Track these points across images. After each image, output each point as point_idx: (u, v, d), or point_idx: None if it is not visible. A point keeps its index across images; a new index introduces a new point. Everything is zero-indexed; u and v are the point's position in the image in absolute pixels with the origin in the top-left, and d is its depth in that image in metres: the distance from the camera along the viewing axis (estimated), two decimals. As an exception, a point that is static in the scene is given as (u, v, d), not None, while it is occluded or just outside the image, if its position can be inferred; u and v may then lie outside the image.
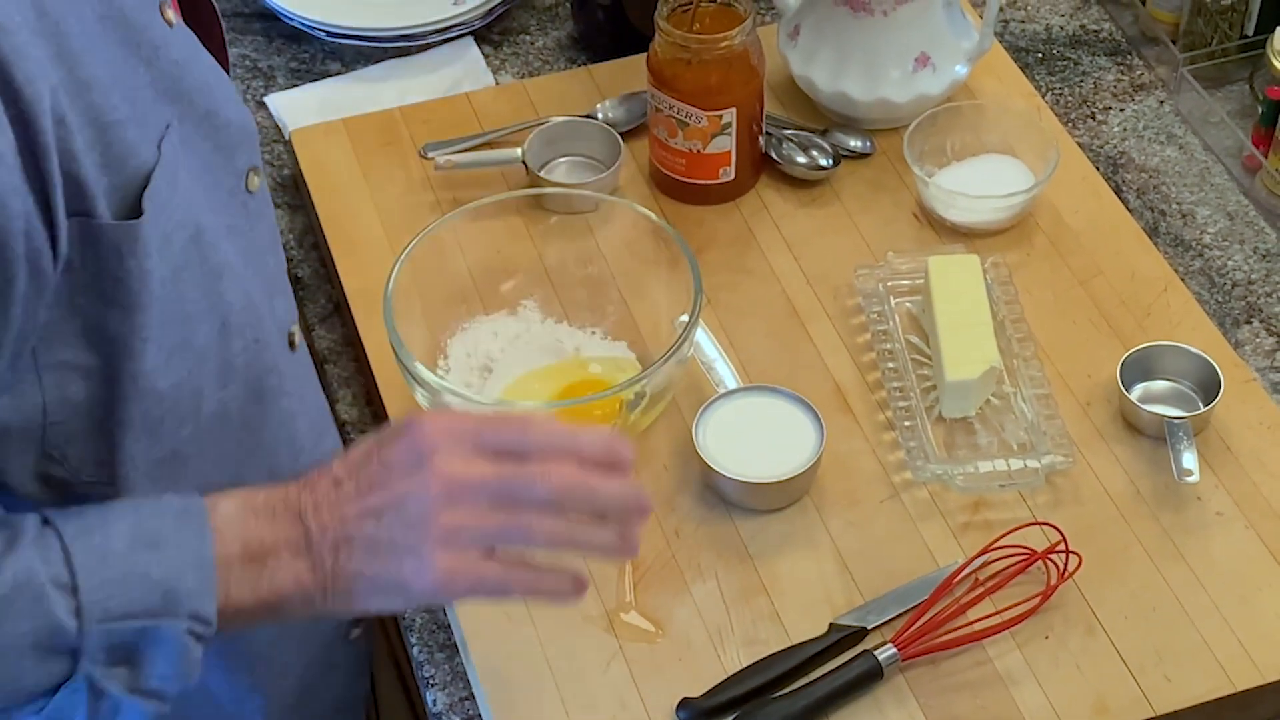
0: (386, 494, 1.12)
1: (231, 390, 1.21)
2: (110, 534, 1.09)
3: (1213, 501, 1.44)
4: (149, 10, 1.12)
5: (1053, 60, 1.86)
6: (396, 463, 1.13)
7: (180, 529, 1.11)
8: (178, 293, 1.13)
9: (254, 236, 1.23)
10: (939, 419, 1.49)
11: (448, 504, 1.12)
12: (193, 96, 1.14)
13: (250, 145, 1.23)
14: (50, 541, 1.08)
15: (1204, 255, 1.66)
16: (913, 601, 1.36)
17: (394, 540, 1.12)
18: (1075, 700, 1.32)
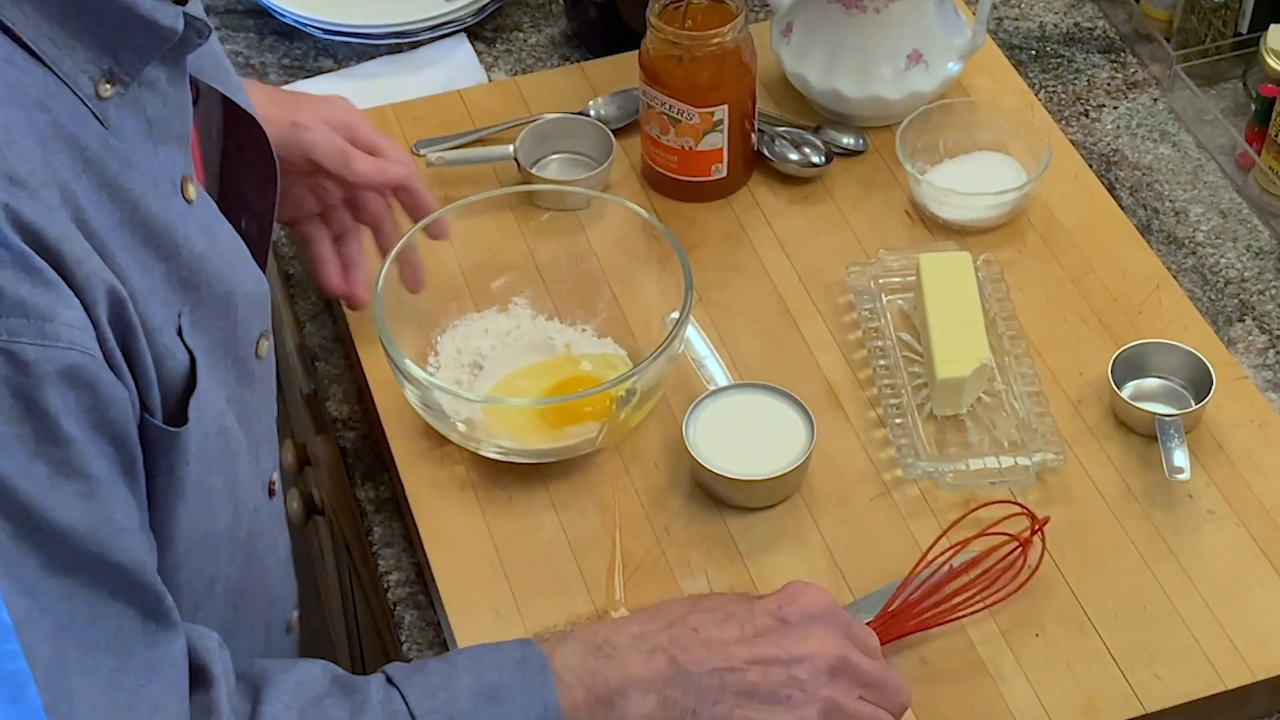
0: (780, 647, 1.16)
1: (236, 564, 1.20)
2: (454, 692, 1.11)
3: (1204, 499, 1.43)
4: (167, 202, 1.07)
5: (1046, 57, 1.86)
6: (791, 619, 1.18)
7: (522, 680, 1.13)
8: (206, 485, 1.12)
9: (252, 401, 1.21)
10: (930, 416, 1.49)
11: (835, 677, 1.17)
12: (212, 283, 1.11)
13: (265, 311, 1.20)
14: (396, 706, 1.10)
15: (1197, 253, 1.66)
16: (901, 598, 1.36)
17: (776, 694, 1.15)
18: (1065, 698, 1.31)
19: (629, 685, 1.14)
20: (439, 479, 1.46)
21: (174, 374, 1.07)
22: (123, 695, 0.99)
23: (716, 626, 1.17)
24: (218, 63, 1.25)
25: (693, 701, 1.14)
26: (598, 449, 1.47)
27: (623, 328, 1.56)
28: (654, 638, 1.16)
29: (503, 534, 1.43)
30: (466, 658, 1.15)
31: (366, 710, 1.09)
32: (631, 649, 1.15)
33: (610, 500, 1.45)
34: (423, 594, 1.44)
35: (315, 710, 1.09)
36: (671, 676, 1.14)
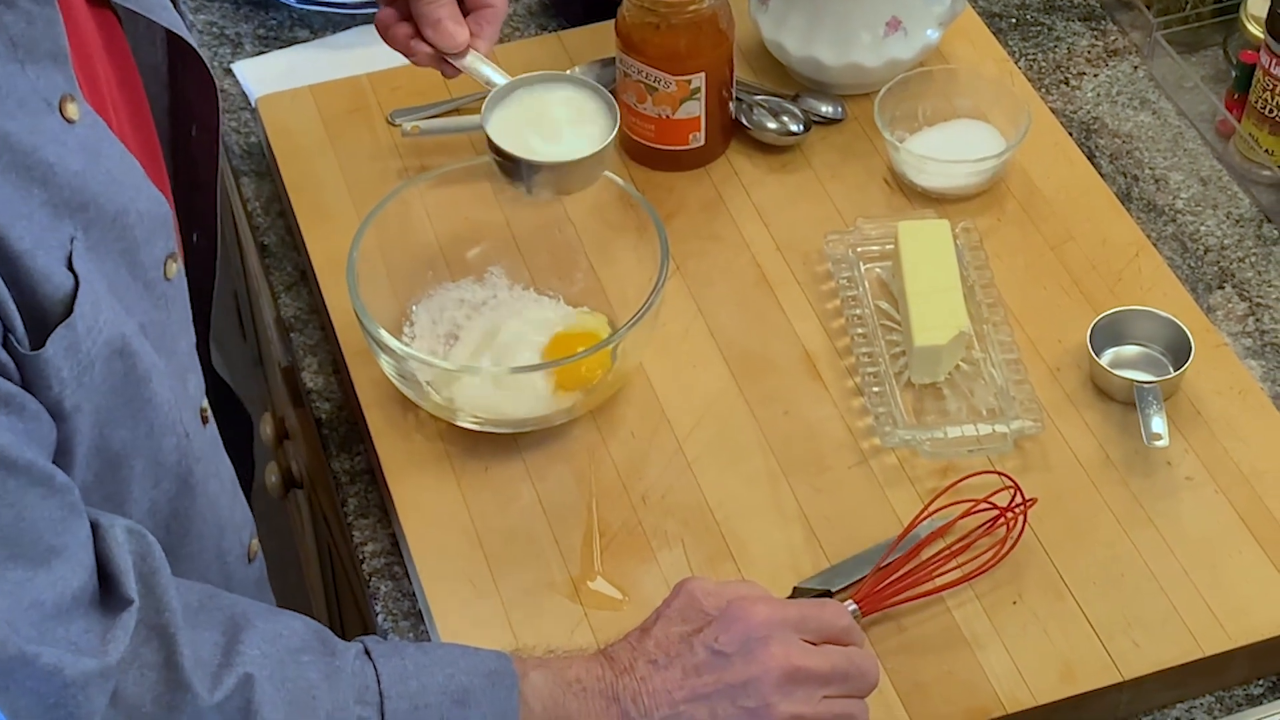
0: (721, 680, 1.16)
1: (163, 488, 1.20)
2: (425, 683, 1.12)
3: (1182, 466, 1.43)
4: (38, 121, 1.05)
5: (1026, 25, 1.85)
6: (729, 649, 1.17)
7: (490, 691, 1.14)
8: (96, 409, 1.11)
9: (168, 325, 1.20)
10: (908, 385, 1.48)
11: (785, 692, 1.16)
12: (99, 202, 1.09)
13: (166, 231, 1.19)
14: (369, 681, 1.11)
15: (1177, 220, 1.65)
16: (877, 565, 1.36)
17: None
18: (1042, 665, 1.31)
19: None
20: (414, 450, 1.46)
21: (50, 298, 1.05)
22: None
23: (660, 673, 1.17)
24: None
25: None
26: (574, 418, 1.46)
27: (600, 297, 1.55)
28: (612, 686, 1.17)
29: (478, 504, 1.42)
30: (444, 654, 1.16)
31: (341, 677, 1.10)
32: (596, 694, 1.16)
33: (587, 470, 1.44)
34: (398, 565, 1.43)
35: (292, 663, 1.10)
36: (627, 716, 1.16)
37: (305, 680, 1.09)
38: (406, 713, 1.11)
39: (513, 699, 1.14)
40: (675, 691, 1.16)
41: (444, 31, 1.44)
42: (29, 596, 1.01)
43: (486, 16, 1.46)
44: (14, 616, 1.00)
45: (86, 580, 1.05)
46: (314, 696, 1.09)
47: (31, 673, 1.00)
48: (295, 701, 1.08)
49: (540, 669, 1.17)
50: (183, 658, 1.06)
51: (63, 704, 1.01)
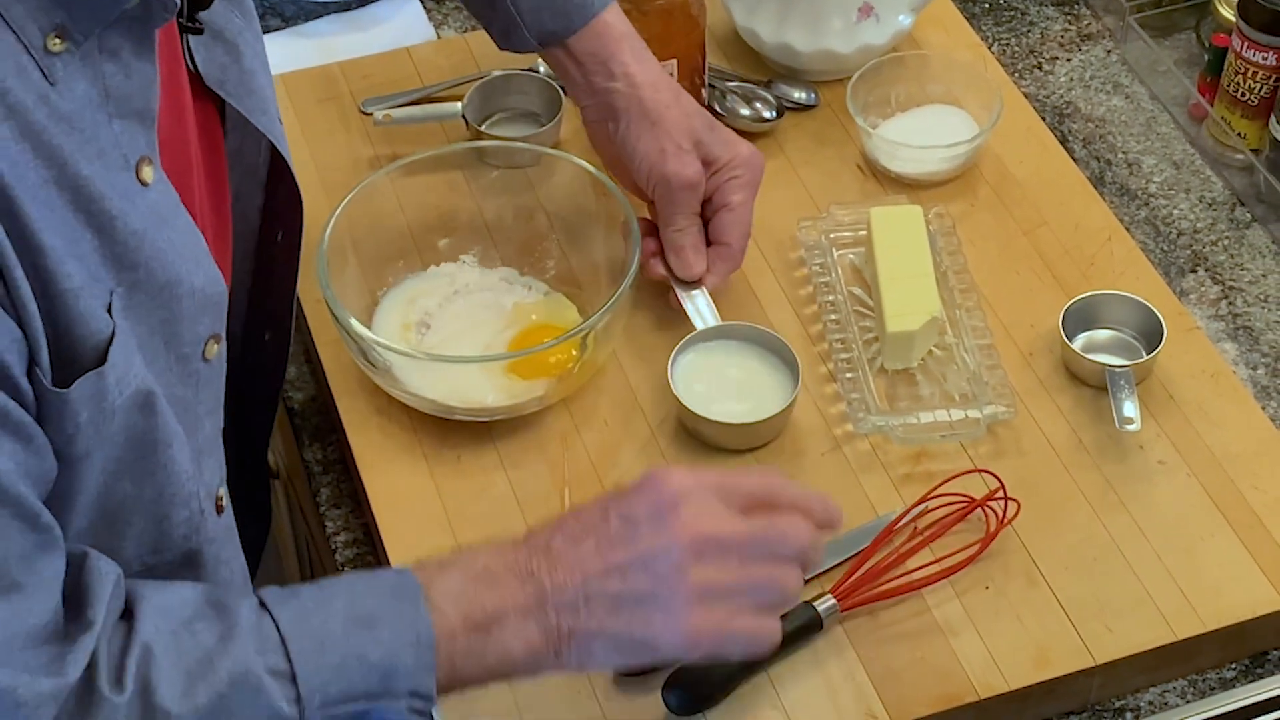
0: (632, 550, 1.12)
1: (164, 558, 1.18)
2: (327, 616, 1.09)
3: (1155, 450, 1.43)
4: (112, 174, 1.05)
5: (999, 10, 1.85)
6: (641, 518, 1.13)
7: (396, 607, 1.10)
8: (112, 457, 1.10)
9: (195, 404, 1.18)
10: (881, 370, 1.48)
11: (697, 559, 1.12)
12: (150, 267, 1.08)
13: (217, 312, 1.18)
14: (267, 630, 1.08)
15: (1150, 204, 1.65)
16: (851, 551, 1.36)
17: (641, 596, 1.12)
18: (1016, 651, 1.31)
19: (506, 612, 1.11)
20: (387, 439, 1.45)
21: (85, 343, 1.04)
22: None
23: (573, 545, 1.13)
24: (251, 91, 1.26)
25: (566, 621, 1.12)
26: (546, 407, 1.46)
27: (572, 285, 1.55)
28: (525, 563, 1.13)
29: (451, 493, 1.42)
30: (342, 584, 1.13)
31: (236, 634, 1.07)
32: (509, 575, 1.12)
33: (560, 458, 1.44)
34: (371, 555, 1.43)
35: (185, 634, 1.07)
36: (542, 600, 1.12)
37: (200, 648, 1.06)
38: (313, 651, 1.07)
39: (420, 609, 1.10)
40: (589, 563, 1.12)
41: (685, 260, 1.49)
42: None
43: (722, 254, 1.50)
44: None
45: (50, 616, 1.03)
46: (211, 661, 1.06)
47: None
48: (193, 671, 1.05)
49: (446, 570, 1.13)
50: (98, 669, 1.04)
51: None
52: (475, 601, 1.11)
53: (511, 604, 1.11)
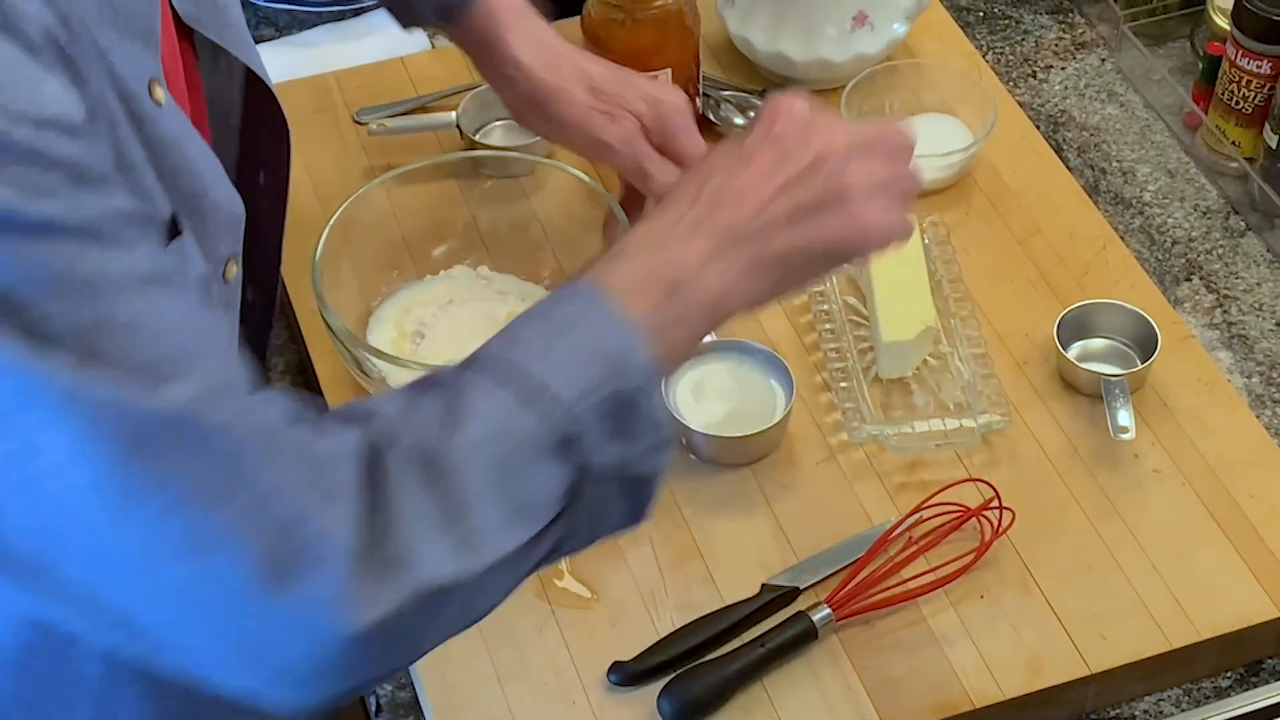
0: (792, 165, 1.12)
1: None
2: (530, 343, 1.05)
3: (1149, 459, 1.43)
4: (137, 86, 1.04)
5: (994, 19, 1.85)
6: (786, 137, 1.13)
7: (579, 309, 1.07)
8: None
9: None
10: (876, 380, 1.48)
11: (852, 159, 1.14)
12: (181, 173, 1.07)
13: (235, 231, 1.16)
14: (491, 367, 1.04)
15: (1144, 213, 1.66)
16: (845, 561, 1.36)
17: (814, 205, 1.12)
18: (1010, 659, 1.31)
19: (688, 267, 1.09)
20: (381, 449, 1.45)
21: (159, 218, 1.03)
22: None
23: (732, 181, 1.13)
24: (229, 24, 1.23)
25: (751, 251, 1.11)
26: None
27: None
28: (685, 221, 1.11)
29: (446, 503, 1.42)
30: (511, 325, 1.08)
31: (467, 392, 1.03)
32: (671, 237, 1.10)
33: (554, 468, 1.44)
34: (366, 565, 1.43)
35: (416, 399, 1.03)
36: (722, 241, 1.10)
37: (437, 400, 1.03)
38: (543, 368, 1.03)
39: (604, 303, 1.07)
40: (755, 192, 1.12)
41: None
42: None
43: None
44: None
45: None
46: (456, 402, 1.02)
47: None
48: (446, 417, 1.01)
49: (610, 264, 1.10)
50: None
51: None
52: (653, 273, 1.09)
53: (692, 258, 1.10)
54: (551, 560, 1.07)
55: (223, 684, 0.97)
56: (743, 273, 1.11)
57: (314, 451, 0.96)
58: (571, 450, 1.02)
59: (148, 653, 0.98)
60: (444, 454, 0.99)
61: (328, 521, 0.94)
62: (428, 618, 0.99)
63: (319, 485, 0.95)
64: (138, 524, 0.92)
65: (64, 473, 0.90)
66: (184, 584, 0.93)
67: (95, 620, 0.97)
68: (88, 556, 0.93)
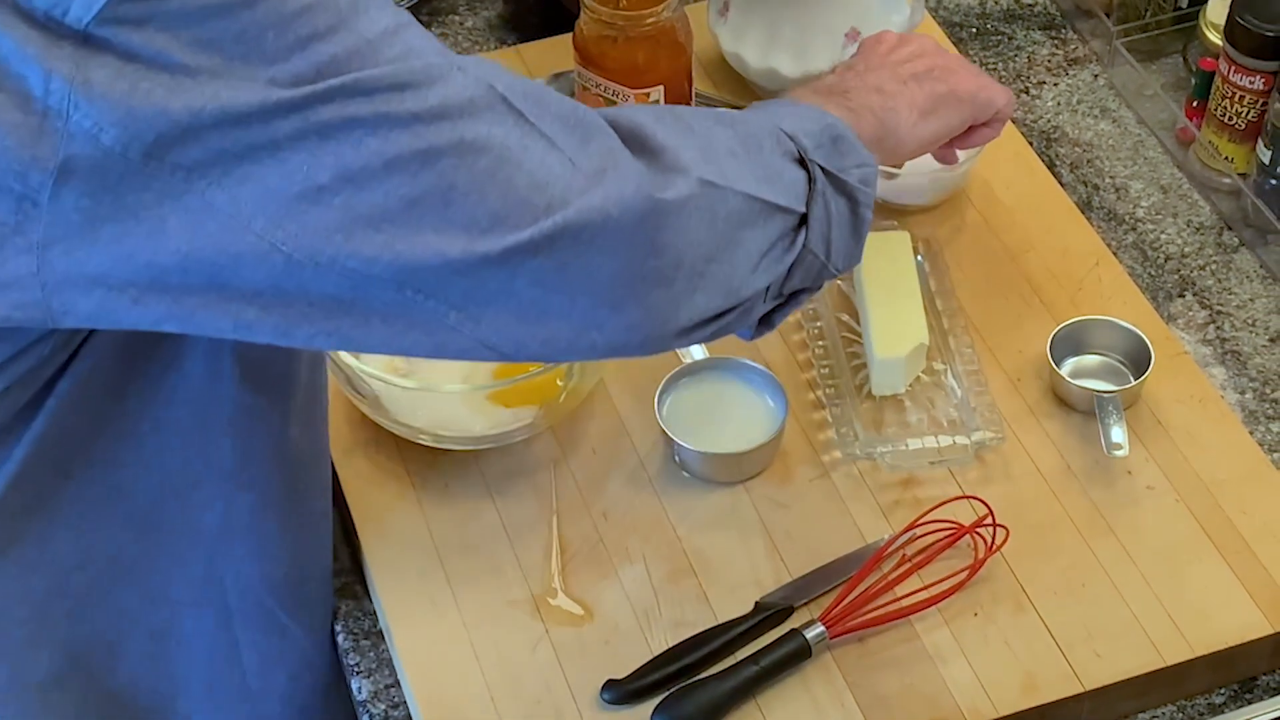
0: (905, 49, 1.35)
1: None
2: (749, 109, 1.24)
3: (1143, 475, 1.43)
4: None
5: (987, 34, 1.85)
6: (891, 38, 1.36)
7: (779, 103, 1.25)
8: None
9: None
10: (869, 397, 1.48)
11: (942, 52, 1.37)
12: None
13: None
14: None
15: (1137, 229, 1.66)
16: (839, 578, 1.36)
17: (933, 68, 1.34)
18: (1004, 677, 1.31)
19: (858, 96, 1.28)
20: (374, 467, 1.45)
21: None
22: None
23: (857, 69, 1.33)
24: None
25: (894, 94, 1.30)
26: (535, 435, 1.46)
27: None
28: (837, 87, 1.30)
29: (439, 522, 1.42)
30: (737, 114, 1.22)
31: (742, 121, 1.18)
32: (834, 93, 1.28)
33: (548, 486, 1.44)
34: (359, 584, 1.43)
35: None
36: (872, 91, 1.29)
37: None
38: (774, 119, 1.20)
39: (794, 102, 1.24)
40: (888, 73, 1.32)
41: None
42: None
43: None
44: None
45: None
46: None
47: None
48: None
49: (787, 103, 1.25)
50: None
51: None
52: (832, 94, 1.28)
53: (853, 92, 1.28)
54: (801, 270, 1.18)
55: (564, 313, 1.06)
56: (893, 110, 1.29)
57: (570, 104, 1.08)
58: (804, 163, 1.17)
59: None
60: (686, 119, 1.14)
61: (611, 144, 1.07)
62: (712, 212, 1.10)
63: (586, 125, 1.07)
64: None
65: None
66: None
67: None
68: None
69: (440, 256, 1.00)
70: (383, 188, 0.97)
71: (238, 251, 0.97)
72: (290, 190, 0.96)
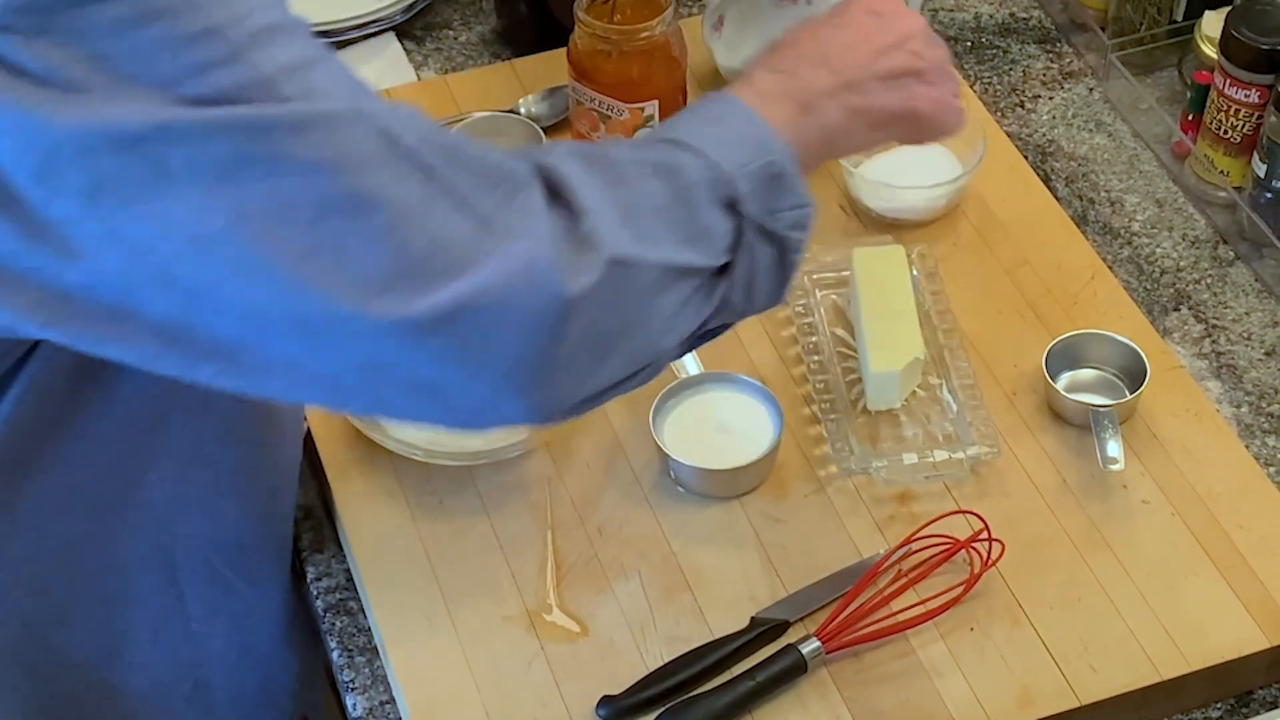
0: (888, 33, 1.25)
1: None
2: (685, 127, 1.16)
3: (1139, 489, 1.42)
4: None
5: (982, 49, 1.85)
6: (885, 9, 1.27)
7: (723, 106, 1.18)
8: None
9: None
10: (864, 411, 1.48)
11: (930, 43, 1.28)
12: None
13: None
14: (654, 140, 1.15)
15: (1132, 243, 1.65)
16: (835, 593, 1.35)
17: (906, 71, 1.25)
18: (1000, 691, 1.31)
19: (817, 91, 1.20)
20: (368, 484, 1.45)
21: None
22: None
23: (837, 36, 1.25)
24: None
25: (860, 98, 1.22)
26: (529, 450, 1.45)
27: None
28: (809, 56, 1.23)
29: (433, 537, 1.41)
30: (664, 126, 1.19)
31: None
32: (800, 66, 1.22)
33: (542, 502, 1.44)
34: (354, 600, 1.42)
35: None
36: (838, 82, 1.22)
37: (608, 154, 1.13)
38: (700, 144, 1.13)
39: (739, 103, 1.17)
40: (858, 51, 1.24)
41: None
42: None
43: None
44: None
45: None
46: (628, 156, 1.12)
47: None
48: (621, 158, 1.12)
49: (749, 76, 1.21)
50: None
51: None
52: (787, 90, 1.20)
53: (819, 87, 1.21)
54: (720, 319, 1.15)
55: (461, 391, 1.02)
56: (851, 116, 1.22)
57: (492, 158, 1.04)
58: (733, 209, 1.12)
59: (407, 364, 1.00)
60: (619, 168, 1.09)
61: (530, 202, 1.02)
62: (622, 294, 1.05)
63: (505, 182, 1.02)
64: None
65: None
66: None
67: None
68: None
69: (334, 314, 0.96)
70: (276, 234, 0.94)
71: (136, 283, 0.95)
72: (187, 227, 0.93)
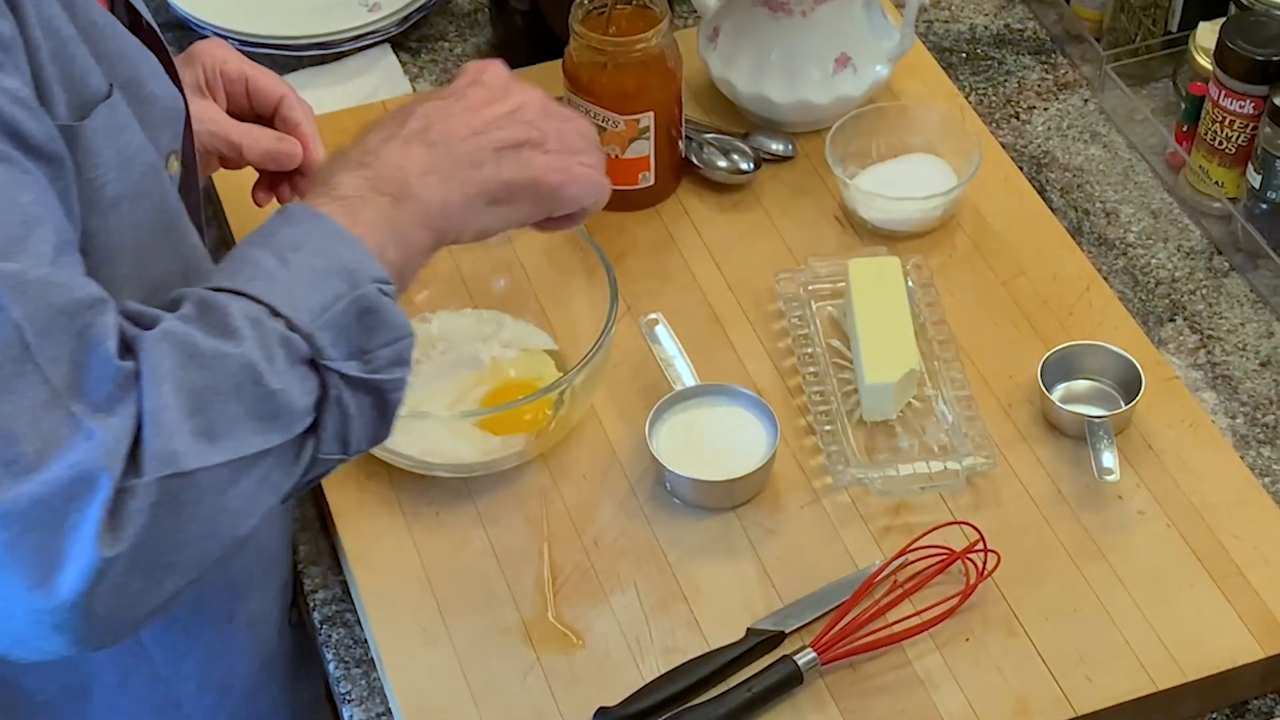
0: (501, 104, 1.23)
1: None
2: (259, 264, 1.10)
3: (1134, 500, 1.43)
4: None
5: (977, 60, 1.86)
6: (493, 83, 1.25)
7: (303, 225, 1.12)
8: (141, 225, 1.14)
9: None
10: (860, 422, 1.48)
11: (548, 113, 1.25)
12: (113, 60, 1.12)
13: (176, 128, 1.21)
14: (222, 299, 1.07)
15: (1127, 254, 1.66)
16: (831, 604, 1.35)
17: (521, 143, 1.21)
18: (996, 702, 1.31)
19: (410, 172, 1.16)
20: (364, 495, 1.45)
21: (89, 89, 1.09)
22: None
23: (442, 109, 1.21)
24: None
25: (468, 174, 1.18)
26: (525, 462, 1.45)
27: (550, 340, 1.54)
28: (398, 136, 1.18)
29: (429, 549, 1.41)
30: (241, 246, 1.13)
31: (205, 316, 1.06)
32: (387, 148, 1.17)
33: (538, 514, 1.44)
34: (350, 612, 1.42)
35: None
36: (439, 156, 1.18)
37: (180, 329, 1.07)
38: (271, 290, 1.08)
39: (321, 216, 1.12)
40: (469, 116, 1.21)
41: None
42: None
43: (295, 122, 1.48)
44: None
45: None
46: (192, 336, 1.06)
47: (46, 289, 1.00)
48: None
49: (331, 180, 1.16)
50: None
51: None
52: (375, 182, 1.15)
53: (412, 166, 1.16)
54: (314, 473, 1.11)
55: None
56: (461, 192, 1.18)
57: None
58: (314, 366, 1.08)
59: None
60: (210, 345, 1.04)
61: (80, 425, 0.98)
62: (180, 510, 1.01)
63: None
64: None
65: None
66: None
67: None
68: None
69: None
70: None
71: None
72: None
